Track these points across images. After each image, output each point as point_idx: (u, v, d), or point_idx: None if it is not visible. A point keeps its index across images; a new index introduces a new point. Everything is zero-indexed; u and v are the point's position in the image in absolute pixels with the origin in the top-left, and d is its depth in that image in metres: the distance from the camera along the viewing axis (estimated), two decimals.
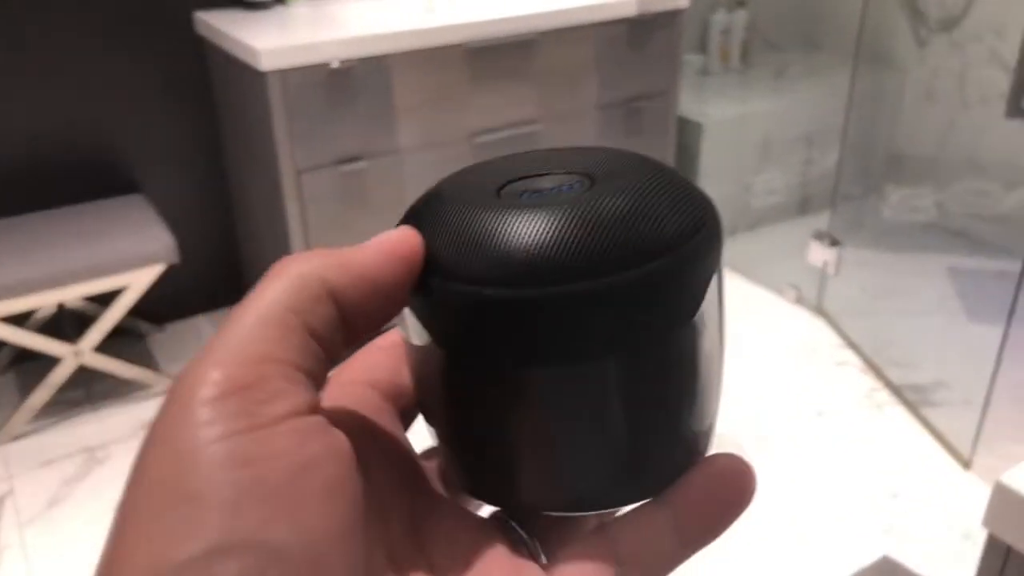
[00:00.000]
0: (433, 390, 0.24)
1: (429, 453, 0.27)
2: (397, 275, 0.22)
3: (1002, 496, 0.56)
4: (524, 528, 0.24)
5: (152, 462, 0.18)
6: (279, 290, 0.20)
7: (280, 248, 1.94)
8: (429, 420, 0.25)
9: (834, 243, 2.23)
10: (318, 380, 0.20)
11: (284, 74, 1.73)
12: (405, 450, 0.25)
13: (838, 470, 1.72)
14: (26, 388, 1.94)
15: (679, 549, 0.22)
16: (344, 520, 0.18)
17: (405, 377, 0.26)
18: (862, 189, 2.59)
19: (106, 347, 1.90)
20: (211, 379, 0.18)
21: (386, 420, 0.25)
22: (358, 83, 1.83)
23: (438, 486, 0.26)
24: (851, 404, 1.91)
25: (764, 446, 1.78)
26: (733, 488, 0.23)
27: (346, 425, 0.20)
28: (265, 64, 1.70)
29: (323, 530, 0.18)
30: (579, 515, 0.25)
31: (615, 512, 0.24)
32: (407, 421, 0.27)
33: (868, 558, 1.49)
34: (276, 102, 1.75)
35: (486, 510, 0.27)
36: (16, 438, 1.85)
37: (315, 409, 0.19)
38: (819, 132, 2.66)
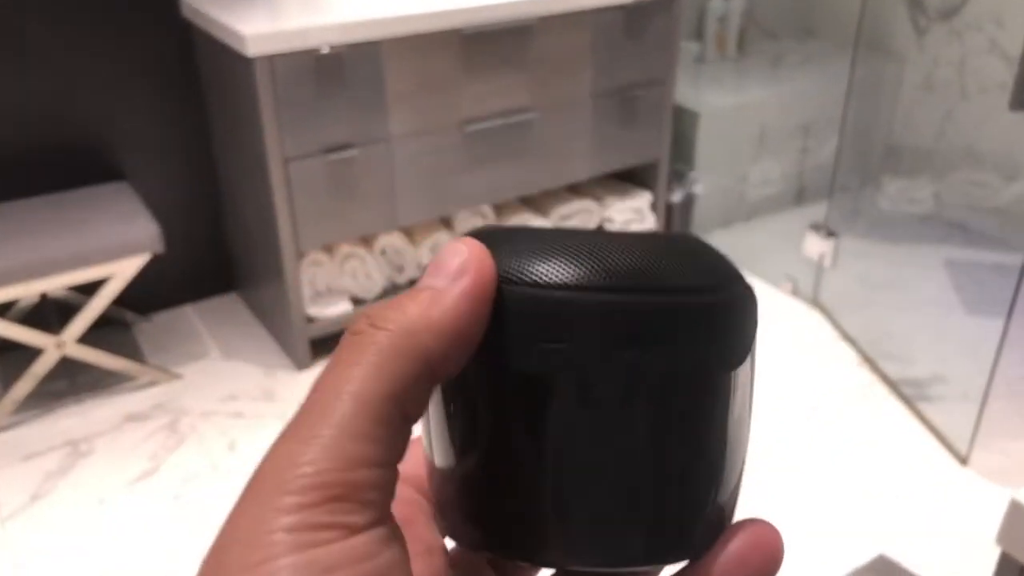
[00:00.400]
0: (455, 422, 0.23)
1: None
2: (482, 318, 0.20)
3: (1017, 514, 0.53)
4: None
5: (226, 567, 0.17)
6: (377, 369, 0.18)
7: (268, 238, 1.90)
8: (440, 466, 0.24)
9: (831, 235, 2.20)
10: (402, 458, 0.19)
11: (272, 60, 1.69)
12: (441, 552, 0.24)
13: (834, 466, 1.69)
14: (8, 379, 1.90)
15: None
16: None
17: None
18: (859, 180, 2.56)
19: (91, 337, 1.86)
20: (302, 484, 0.17)
21: (423, 517, 0.24)
22: (348, 69, 1.79)
23: None
24: (847, 398, 1.89)
25: (758, 441, 1.75)
26: (767, 560, 0.22)
27: (401, 528, 0.20)
28: (252, 49, 1.66)
29: None
30: (603, 571, 0.24)
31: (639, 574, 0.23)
32: None
33: (864, 556, 1.47)
34: (263, 88, 1.71)
35: None
36: None
37: (390, 513, 0.19)
38: (816, 122, 2.63)
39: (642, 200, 2.42)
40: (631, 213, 2.41)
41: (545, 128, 2.13)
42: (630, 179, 2.48)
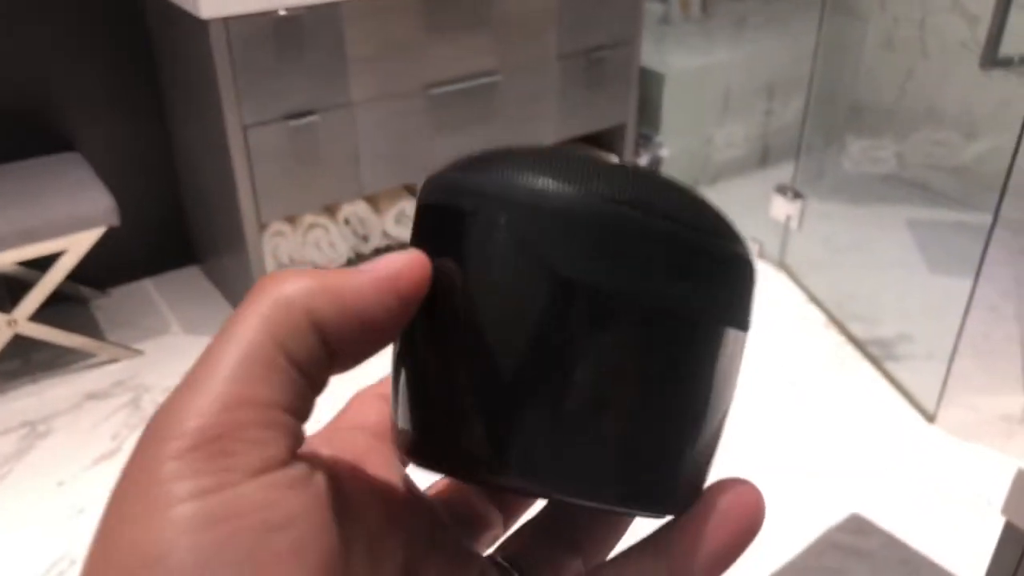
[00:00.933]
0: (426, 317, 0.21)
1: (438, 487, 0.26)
2: (391, 313, 0.20)
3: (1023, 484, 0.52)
4: (521, 568, 0.24)
5: (116, 519, 0.17)
6: (260, 319, 0.18)
7: (228, 208, 1.84)
8: (402, 363, 0.22)
9: (797, 196, 2.20)
10: (303, 415, 0.19)
11: (227, 23, 1.63)
12: (399, 489, 0.23)
13: (804, 428, 1.71)
14: None
15: None
16: None
17: None
18: (824, 141, 2.56)
19: (45, 314, 1.80)
20: (183, 428, 0.17)
21: (377, 458, 0.23)
22: (307, 32, 1.73)
23: (443, 517, 0.25)
24: (815, 360, 1.90)
25: None
26: (749, 518, 0.21)
27: (330, 469, 0.20)
28: (206, 11, 1.59)
29: None
30: (533, 495, 0.23)
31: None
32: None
33: (837, 516, 1.49)
34: (219, 53, 1.64)
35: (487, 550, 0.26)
36: None
37: (294, 455, 0.18)
38: (779, 83, 2.62)
39: None
40: None
41: (511, 91, 2.09)
42: (597, 142, 2.46)
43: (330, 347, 0.19)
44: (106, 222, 1.74)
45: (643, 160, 2.47)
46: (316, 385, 0.19)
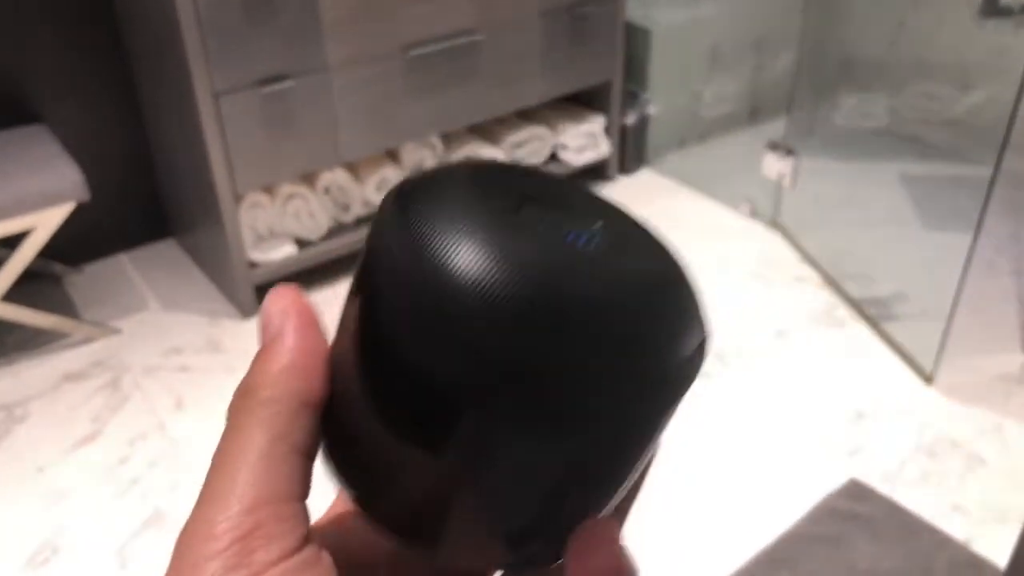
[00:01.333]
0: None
1: None
2: (319, 340, 0.23)
3: None
4: None
5: None
6: (257, 424, 0.21)
7: (202, 180, 1.78)
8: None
9: (789, 153, 2.15)
10: (308, 491, 0.22)
11: None
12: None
13: (801, 391, 1.67)
14: None
15: None
16: None
17: None
18: (815, 96, 2.50)
19: (17, 293, 1.74)
20: (215, 532, 0.20)
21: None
22: None
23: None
24: (811, 321, 1.87)
25: (722, 368, 1.72)
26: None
27: (336, 534, 0.25)
28: None
29: None
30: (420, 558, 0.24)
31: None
32: None
33: (835, 481, 1.46)
34: (185, 15, 1.56)
35: None
36: None
37: (306, 539, 0.21)
38: (769, 36, 2.55)
39: (595, 124, 2.34)
40: (584, 138, 2.32)
41: (492, 50, 2.01)
42: (583, 103, 2.39)
43: (315, 404, 0.22)
44: (75, 197, 1.67)
45: (631, 118, 2.40)
46: (316, 449, 0.23)
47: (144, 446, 1.58)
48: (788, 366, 1.73)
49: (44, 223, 1.67)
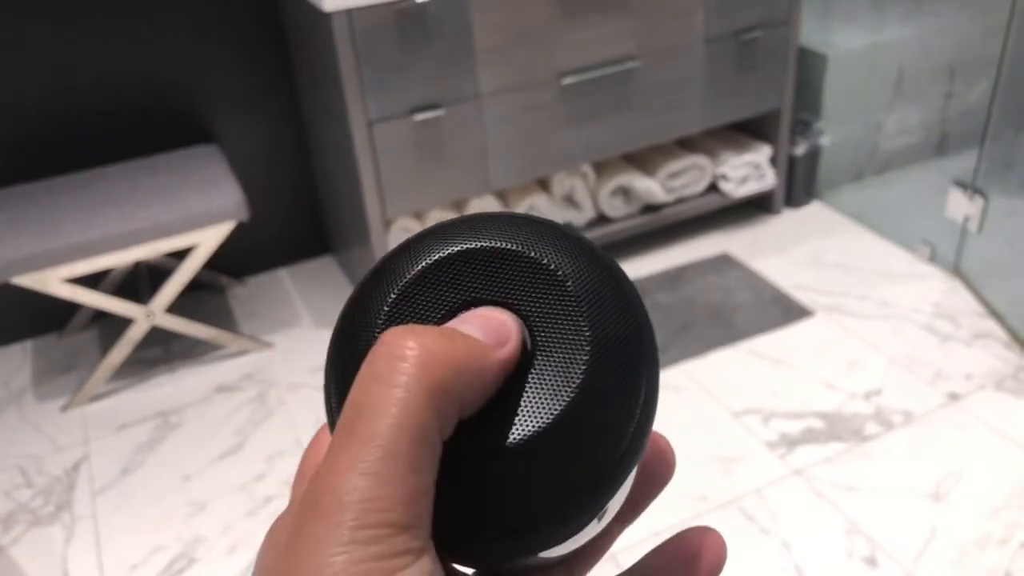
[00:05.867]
0: None
1: None
2: (506, 368, 0.21)
3: None
4: None
5: None
6: (428, 393, 0.19)
7: (355, 203, 1.81)
8: None
9: (978, 193, 1.94)
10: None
11: (350, 15, 1.58)
12: None
13: (972, 466, 1.49)
14: (107, 345, 1.91)
15: None
16: None
17: None
18: (1013, 128, 2.25)
19: (184, 303, 1.85)
20: (382, 519, 0.18)
21: None
22: (433, 22, 1.66)
23: None
24: (992, 385, 1.67)
25: (883, 430, 1.56)
26: (714, 571, 0.24)
27: None
28: (329, 4, 1.55)
29: None
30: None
31: None
32: None
33: None
34: (342, 47, 1.60)
35: None
36: (94, 399, 1.82)
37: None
38: (964, 62, 2.32)
39: (761, 154, 2.21)
40: (747, 169, 2.20)
41: (651, 77, 1.94)
42: (747, 131, 2.27)
43: (461, 415, 0.20)
44: (235, 217, 1.74)
45: (800, 149, 2.25)
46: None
47: (281, 463, 1.62)
48: (960, 435, 1.55)
49: (206, 240, 1.75)
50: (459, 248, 0.23)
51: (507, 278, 0.22)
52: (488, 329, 0.21)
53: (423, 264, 0.23)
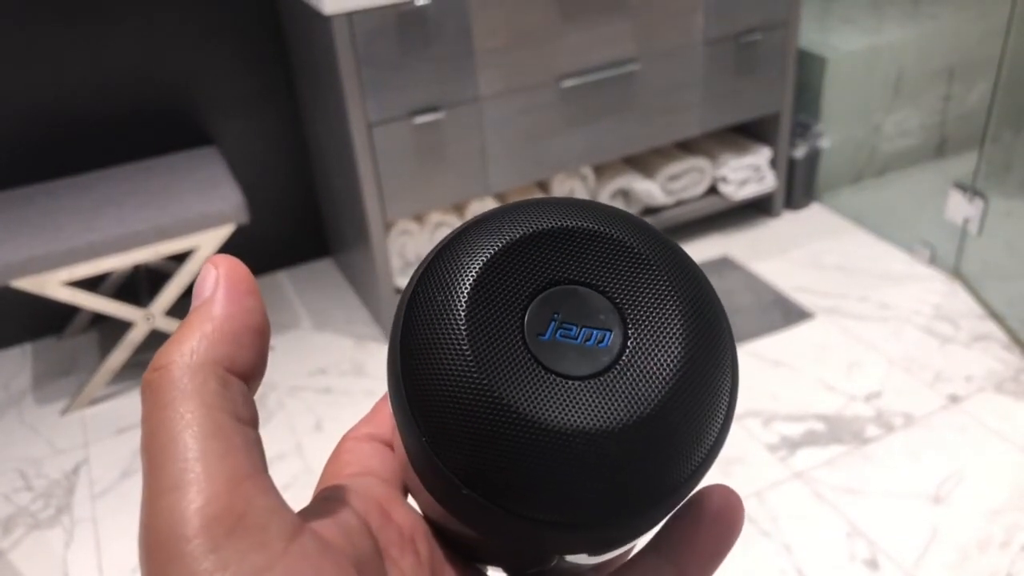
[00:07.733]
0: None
1: None
2: (258, 309, 0.21)
3: None
4: None
5: None
6: (189, 397, 0.18)
7: (355, 206, 1.81)
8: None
9: (978, 195, 1.94)
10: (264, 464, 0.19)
11: (350, 17, 1.58)
12: (426, 534, 0.24)
13: (972, 469, 1.49)
14: (107, 348, 1.91)
15: None
16: None
17: None
18: (1013, 130, 2.26)
19: (185, 305, 1.84)
20: (197, 514, 0.17)
21: (399, 506, 0.24)
22: (433, 25, 1.66)
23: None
24: (992, 387, 1.67)
25: (884, 433, 1.56)
26: (731, 528, 0.22)
27: (363, 524, 0.21)
28: (329, 7, 1.55)
29: None
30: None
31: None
32: None
33: None
34: (342, 49, 1.60)
35: None
36: (94, 402, 1.82)
37: (299, 519, 0.18)
38: (963, 64, 2.32)
39: (760, 156, 2.21)
40: (747, 171, 2.20)
41: (651, 80, 1.94)
42: (747, 133, 2.27)
43: (248, 375, 0.20)
44: (234, 220, 1.74)
45: (800, 151, 2.25)
46: (257, 421, 0.20)
47: (281, 467, 1.62)
48: (961, 438, 1.55)
49: (206, 243, 1.75)
50: (544, 227, 0.22)
51: (594, 259, 0.22)
52: (198, 287, 0.21)
53: (507, 240, 0.22)
